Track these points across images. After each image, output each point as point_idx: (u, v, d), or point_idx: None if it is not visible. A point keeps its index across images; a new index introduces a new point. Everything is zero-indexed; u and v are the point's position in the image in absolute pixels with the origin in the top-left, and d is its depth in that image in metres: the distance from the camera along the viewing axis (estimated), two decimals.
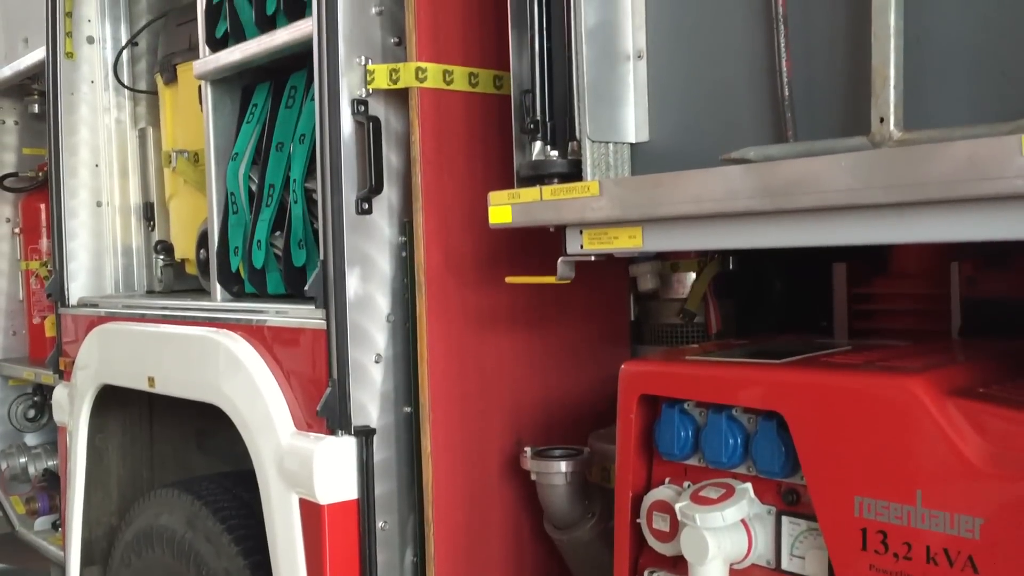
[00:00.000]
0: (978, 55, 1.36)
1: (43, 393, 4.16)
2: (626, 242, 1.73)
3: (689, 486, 1.69)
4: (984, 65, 1.36)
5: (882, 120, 1.38)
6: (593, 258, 1.83)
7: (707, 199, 1.53)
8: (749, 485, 1.61)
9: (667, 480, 1.75)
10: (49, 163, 3.43)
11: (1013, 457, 1.31)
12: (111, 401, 3.12)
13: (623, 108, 1.84)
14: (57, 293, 3.37)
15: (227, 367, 2.47)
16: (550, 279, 1.92)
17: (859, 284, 2.08)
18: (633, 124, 1.85)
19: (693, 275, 2.43)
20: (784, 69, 1.57)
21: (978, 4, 1.36)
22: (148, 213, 3.48)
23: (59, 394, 3.37)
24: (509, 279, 2.12)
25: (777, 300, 2.49)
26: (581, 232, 1.81)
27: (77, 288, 3.37)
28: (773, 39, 1.58)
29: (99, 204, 3.44)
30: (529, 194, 1.85)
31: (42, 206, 4.02)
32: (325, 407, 2.19)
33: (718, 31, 1.71)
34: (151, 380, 2.78)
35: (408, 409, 2.24)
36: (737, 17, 1.67)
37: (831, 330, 2.13)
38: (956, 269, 1.89)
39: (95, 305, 3.28)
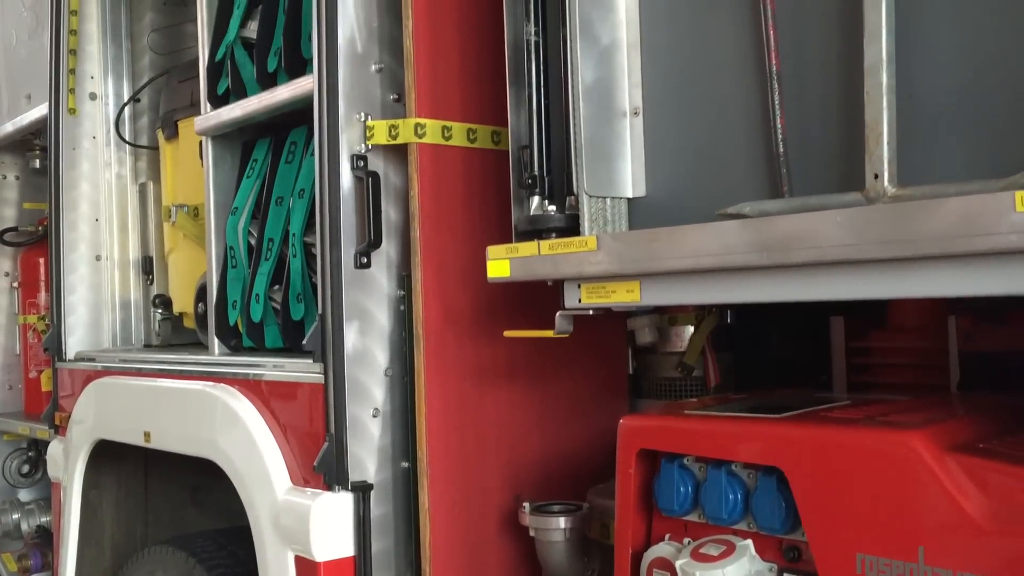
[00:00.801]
0: (969, 112, 1.38)
1: (38, 448, 4.13)
2: (624, 296, 1.73)
3: (689, 543, 1.67)
4: (975, 122, 1.38)
5: (876, 176, 1.40)
6: (591, 312, 1.83)
7: (704, 254, 1.54)
8: (750, 542, 1.60)
9: (667, 536, 1.73)
10: (49, 217, 3.45)
11: (1015, 513, 1.30)
12: (106, 456, 3.09)
13: (620, 164, 1.86)
14: (54, 347, 3.36)
15: (223, 422, 2.46)
16: (548, 333, 1.92)
17: (857, 338, 2.08)
18: (630, 179, 1.86)
19: (691, 328, 2.43)
20: (779, 126, 1.59)
21: (968, 62, 1.39)
22: (147, 267, 3.49)
23: (54, 449, 3.35)
24: (508, 333, 2.12)
25: (775, 353, 2.49)
26: (579, 286, 1.82)
27: (74, 342, 3.37)
28: (767, 96, 1.61)
29: (98, 258, 3.45)
30: (527, 248, 1.86)
31: (41, 260, 4.04)
32: (322, 462, 2.18)
33: (713, 88, 1.73)
34: (147, 435, 2.76)
35: (406, 464, 2.23)
36: (732, 75, 1.70)
37: (830, 384, 2.13)
38: (954, 323, 1.89)
39: (92, 359, 3.27)
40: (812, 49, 1.57)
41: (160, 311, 3.35)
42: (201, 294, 2.97)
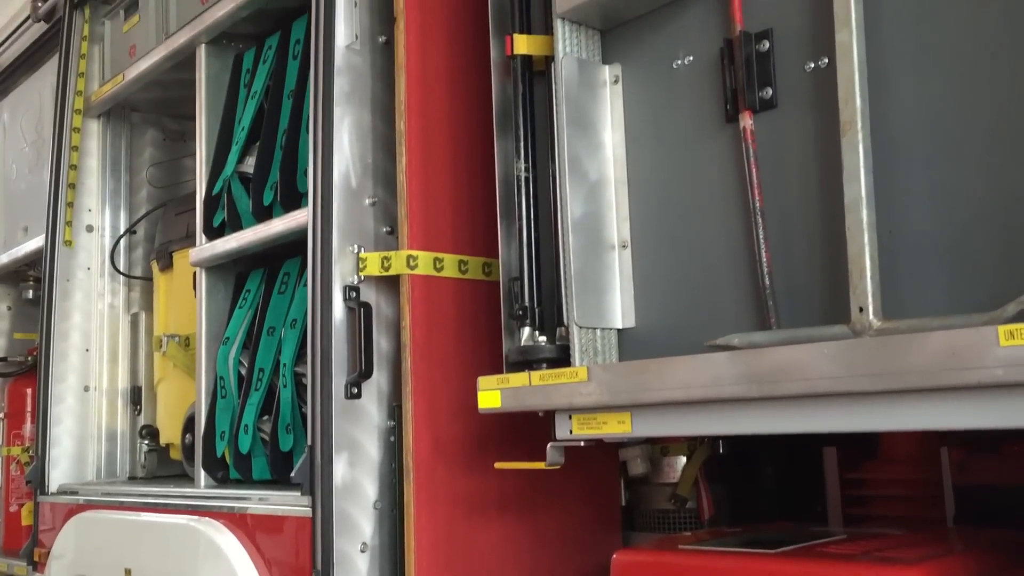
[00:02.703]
0: (949, 247, 1.42)
1: None
2: (615, 427, 1.73)
3: None
4: (955, 256, 1.41)
5: (861, 309, 1.42)
6: (583, 443, 1.82)
7: (694, 385, 1.54)
8: None
9: None
10: (40, 348, 3.44)
11: None
12: None
13: (609, 295, 1.89)
14: (37, 480, 3.30)
15: (207, 557, 2.39)
16: (540, 465, 1.90)
17: (850, 469, 2.07)
18: (620, 311, 1.89)
19: (684, 459, 2.41)
20: (764, 259, 1.63)
21: (945, 199, 1.43)
22: (135, 397, 3.47)
23: None
24: (499, 465, 2.10)
25: (769, 484, 2.46)
26: (570, 417, 1.81)
27: (58, 475, 3.31)
28: (752, 231, 1.65)
29: (86, 389, 3.43)
30: (518, 379, 1.86)
31: (28, 391, 4.00)
32: None
33: (699, 223, 1.78)
34: (128, 572, 2.68)
35: None
36: (716, 210, 1.74)
37: (825, 516, 2.10)
38: (946, 455, 1.89)
39: (74, 492, 3.21)
40: (794, 186, 1.62)
41: (147, 442, 3.31)
42: (189, 425, 2.94)
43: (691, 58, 1.81)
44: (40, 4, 3.74)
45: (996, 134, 1.38)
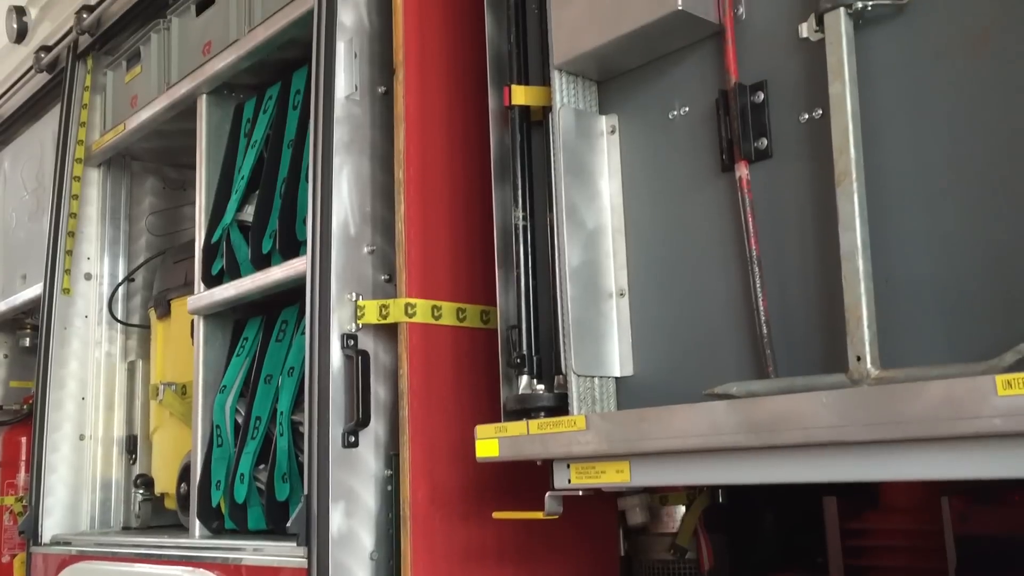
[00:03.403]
0: (946, 295, 1.43)
1: None
2: (614, 476, 1.72)
3: None
4: (952, 304, 1.42)
5: (859, 358, 1.42)
6: (581, 493, 1.81)
7: (692, 434, 1.54)
8: None
9: None
10: (36, 396, 3.43)
11: None
12: None
13: (607, 343, 1.89)
14: (30, 531, 3.27)
15: None
16: (538, 515, 1.89)
17: (851, 519, 2.05)
18: (618, 359, 1.89)
19: (683, 509, 2.39)
20: (761, 308, 1.63)
21: (942, 248, 1.44)
22: (131, 446, 3.45)
23: None
24: (497, 515, 2.08)
25: (770, 534, 2.44)
26: (568, 466, 1.80)
27: (51, 524, 3.28)
28: (749, 279, 1.66)
29: (82, 437, 3.41)
30: (516, 428, 1.85)
31: (24, 439, 3.97)
32: None
33: (696, 271, 1.78)
34: None
35: None
36: (713, 258, 1.75)
37: (826, 566, 2.08)
38: (947, 504, 1.87)
39: (68, 543, 3.17)
40: (790, 235, 1.63)
41: (141, 492, 3.28)
42: (184, 474, 2.92)
43: (687, 109, 1.83)
44: (43, 55, 3.78)
45: (989, 183, 1.40)
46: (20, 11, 4.08)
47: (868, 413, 1.29)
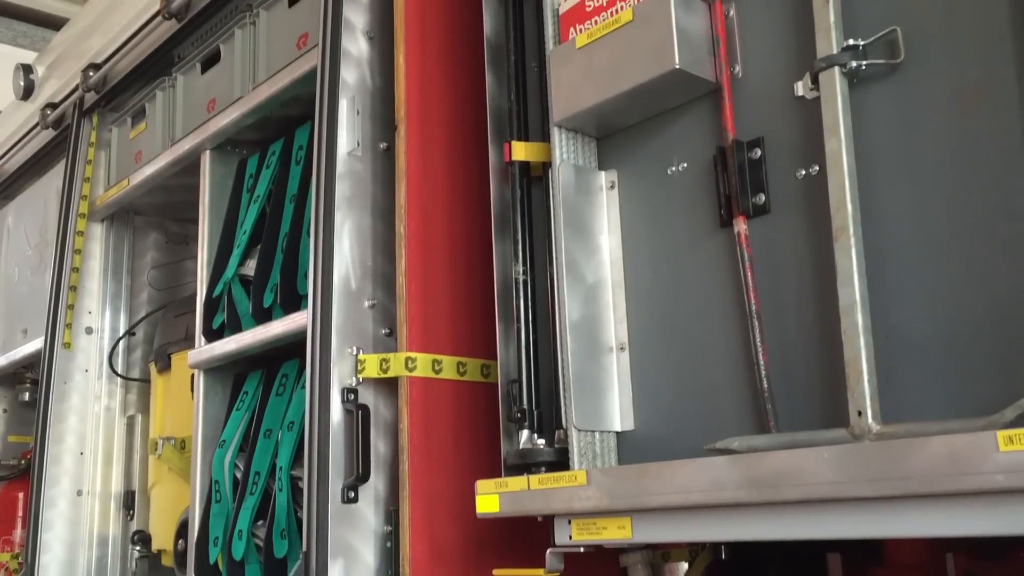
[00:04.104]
0: (946, 349, 1.43)
1: None
2: (615, 533, 1.70)
3: None
4: (952, 359, 1.42)
5: (860, 413, 1.42)
6: (582, 549, 1.79)
7: (694, 490, 1.53)
8: None
9: None
10: (34, 451, 3.41)
11: None
12: None
13: (608, 398, 1.88)
14: None
15: None
16: (539, 572, 1.87)
17: None
18: (618, 413, 1.88)
19: (686, 565, 2.36)
20: (761, 362, 1.63)
21: (940, 302, 1.45)
22: (128, 501, 3.42)
23: None
24: (497, 572, 2.05)
25: None
26: (569, 522, 1.79)
27: None
28: (749, 334, 1.66)
29: (79, 493, 3.38)
30: (517, 483, 1.84)
31: (21, 495, 3.94)
32: None
33: (696, 325, 1.79)
34: None
35: None
36: (714, 313, 1.76)
37: None
38: (952, 562, 1.86)
39: None
40: (789, 289, 1.64)
41: (138, 548, 3.25)
42: (182, 530, 2.90)
43: (685, 165, 1.85)
44: (49, 111, 3.83)
45: (987, 239, 1.41)
46: (27, 69, 4.15)
47: (870, 469, 1.28)
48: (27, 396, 4.19)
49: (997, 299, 1.38)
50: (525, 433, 1.96)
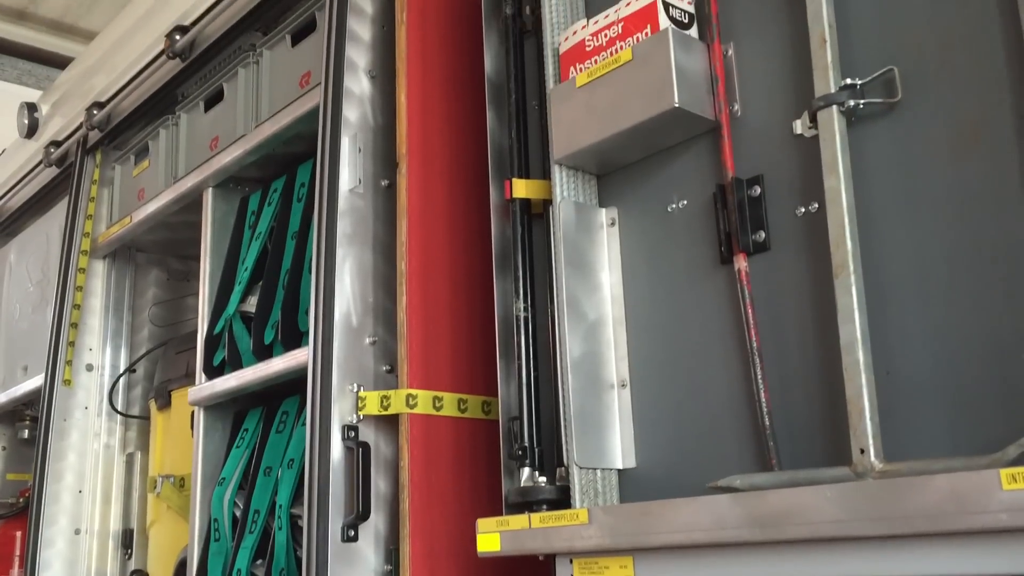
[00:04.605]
0: (947, 387, 1.43)
1: None
2: (617, 572, 1.69)
3: None
4: (954, 396, 1.42)
5: (862, 451, 1.42)
6: None
7: (696, 528, 1.52)
8: None
9: None
10: (32, 489, 3.39)
11: None
12: None
13: (609, 435, 1.88)
14: None
15: None
16: None
17: None
18: (620, 450, 1.87)
19: None
20: (763, 399, 1.63)
21: (941, 340, 1.45)
22: (126, 540, 3.39)
23: None
24: None
25: None
26: (571, 561, 1.77)
27: None
28: (750, 371, 1.66)
29: (77, 532, 3.35)
30: (518, 521, 1.83)
31: (18, 533, 3.91)
32: None
33: (697, 363, 1.79)
34: None
35: None
36: (715, 350, 1.76)
37: None
38: None
39: None
40: (791, 326, 1.64)
41: None
42: (180, 570, 2.87)
43: (685, 202, 1.86)
44: (53, 150, 3.86)
45: (986, 277, 1.41)
46: (32, 107, 4.18)
47: (874, 507, 1.28)
48: (26, 433, 4.17)
49: (998, 336, 1.39)
50: (526, 471, 1.95)
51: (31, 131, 4.15)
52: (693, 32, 1.86)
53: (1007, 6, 1.42)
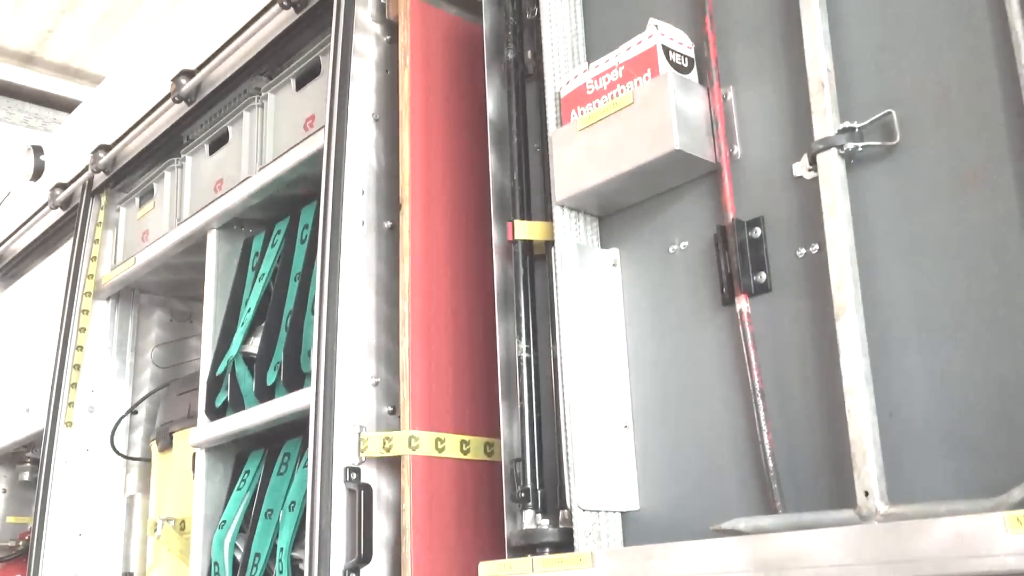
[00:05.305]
0: (951, 429, 1.42)
1: None
2: None
3: None
4: (958, 438, 1.41)
5: (867, 494, 1.41)
6: None
7: (701, 572, 1.51)
8: None
9: None
10: (32, 532, 3.37)
11: None
12: None
13: (612, 477, 1.87)
14: None
15: None
16: None
17: None
18: (623, 493, 1.86)
19: None
20: (766, 441, 1.62)
21: (944, 382, 1.45)
22: None
23: None
24: None
25: None
26: None
27: None
28: (753, 412, 1.65)
29: None
30: (521, 565, 1.81)
31: None
32: None
33: (700, 404, 1.78)
34: None
35: None
36: (717, 391, 1.75)
37: None
38: None
39: None
40: (793, 368, 1.64)
41: None
42: None
43: (686, 243, 1.87)
44: (58, 192, 3.88)
45: (987, 318, 1.41)
46: (38, 150, 4.22)
47: (879, 551, 1.27)
48: (27, 475, 4.15)
49: (1001, 378, 1.38)
50: (529, 513, 1.93)
51: (37, 174, 4.19)
52: (693, 76, 1.88)
53: (1004, 50, 1.44)
